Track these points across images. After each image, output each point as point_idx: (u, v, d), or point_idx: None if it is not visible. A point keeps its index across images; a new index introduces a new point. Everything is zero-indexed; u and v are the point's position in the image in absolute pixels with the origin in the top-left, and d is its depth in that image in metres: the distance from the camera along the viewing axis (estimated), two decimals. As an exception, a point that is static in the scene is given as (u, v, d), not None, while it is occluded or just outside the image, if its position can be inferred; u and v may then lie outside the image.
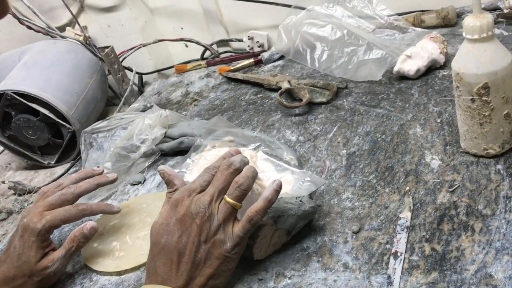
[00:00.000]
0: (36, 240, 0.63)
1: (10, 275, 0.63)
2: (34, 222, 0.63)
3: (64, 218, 0.65)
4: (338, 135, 0.79)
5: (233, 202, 0.54)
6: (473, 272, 0.51)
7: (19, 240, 0.64)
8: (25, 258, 0.63)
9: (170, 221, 0.55)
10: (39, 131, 1.02)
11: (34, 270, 0.63)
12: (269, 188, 0.55)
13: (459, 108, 0.63)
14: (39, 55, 1.10)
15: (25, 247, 0.63)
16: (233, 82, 1.08)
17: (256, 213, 0.54)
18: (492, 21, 0.57)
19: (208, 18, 1.24)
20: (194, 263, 0.53)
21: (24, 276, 0.63)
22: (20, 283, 0.63)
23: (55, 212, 0.65)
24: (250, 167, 0.57)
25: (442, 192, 0.62)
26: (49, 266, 0.63)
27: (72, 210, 0.66)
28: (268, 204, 0.55)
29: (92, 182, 0.71)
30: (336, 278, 0.55)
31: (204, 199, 0.54)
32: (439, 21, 1.00)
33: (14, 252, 0.64)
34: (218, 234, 0.54)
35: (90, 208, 0.68)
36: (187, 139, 0.86)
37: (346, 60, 0.93)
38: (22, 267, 0.63)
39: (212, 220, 0.54)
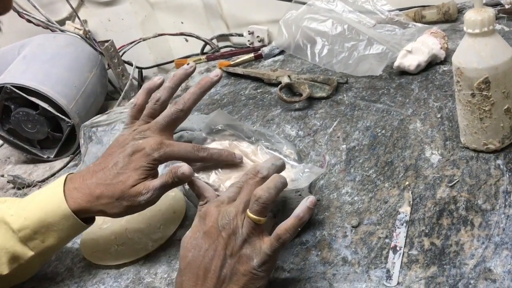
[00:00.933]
0: (146, 166, 0.58)
1: (97, 191, 0.59)
2: (152, 149, 0.59)
3: (181, 157, 0.60)
4: (338, 130, 0.79)
5: (254, 217, 0.50)
6: (472, 266, 0.51)
7: (125, 158, 0.59)
8: (124, 178, 0.58)
9: (198, 235, 0.52)
10: (38, 125, 1.01)
11: (126, 193, 0.58)
12: (301, 205, 0.51)
13: (459, 103, 0.63)
14: (38, 48, 1.09)
15: (130, 168, 0.58)
16: (233, 77, 1.08)
17: (286, 231, 0.50)
18: (494, 16, 0.56)
19: (208, 13, 1.24)
20: (220, 279, 0.50)
21: (112, 197, 0.58)
22: (106, 202, 0.59)
23: (175, 147, 0.60)
24: (275, 176, 0.52)
25: (441, 187, 0.62)
26: (143, 193, 0.58)
27: (192, 153, 0.60)
28: (299, 222, 0.51)
29: (197, 92, 0.63)
30: (335, 272, 0.55)
31: (230, 211, 0.51)
32: (439, 17, 0.99)
33: (113, 168, 0.59)
34: (244, 249, 0.50)
35: (211, 156, 0.61)
36: (187, 133, 0.85)
37: (346, 55, 0.93)
38: (114, 187, 0.58)
39: (237, 233, 0.50)
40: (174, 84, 0.64)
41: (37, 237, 0.59)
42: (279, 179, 0.52)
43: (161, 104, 0.63)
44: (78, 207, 0.59)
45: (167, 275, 0.63)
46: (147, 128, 0.61)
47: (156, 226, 0.70)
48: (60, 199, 0.59)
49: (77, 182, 0.60)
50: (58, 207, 0.59)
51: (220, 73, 0.65)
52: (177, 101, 0.63)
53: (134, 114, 0.64)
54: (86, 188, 0.59)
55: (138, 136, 0.61)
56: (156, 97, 0.63)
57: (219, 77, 0.64)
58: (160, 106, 0.63)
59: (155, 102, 0.63)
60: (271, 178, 0.52)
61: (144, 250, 0.67)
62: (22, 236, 0.59)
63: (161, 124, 0.61)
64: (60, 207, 0.59)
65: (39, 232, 0.59)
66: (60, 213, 0.59)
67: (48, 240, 0.60)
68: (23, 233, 0.59)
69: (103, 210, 0.60)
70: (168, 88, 0.64)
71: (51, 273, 0.69)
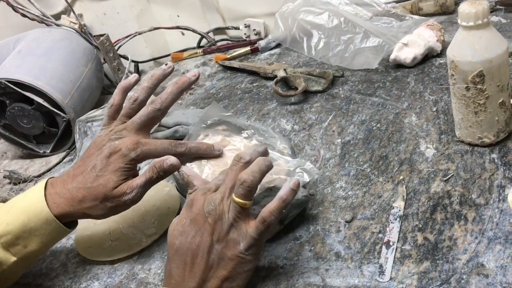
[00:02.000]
0: (124, 167, 0.58)
1: (79, 195, 0.58)
2: (129, 149, 0.59)
3: (158, 155, 0.59)
4: (333, 124, 0.78)
5: (239, 201, 0.51)
6: (465, 261, 0.51)
7: (103, 160, 0.59)
8: (103, 181, 0.58)
9: (185, 222, 0.52)
10: (34, 120, 1.01)
11: (109, 195, 0.58)
12: (285, 187, 0.52)
13: (454, 96, 0.63)
14: (33, 43, 1.09)
15: (108, 170, 0.58)
16: (229, 70, 1.08)
17: (270, 214, 0.51)
18: (488, 8, 0.56)
19: (204, 6, 1.23)
20: (208, 264, 0.51)
21: (95, 200, 0.58)
22: (89, 206, 0.59)
23: (152, 145, 0.60)
24: (259, 159, 0.53)
25: (436, 181, 0.61)
26: (127, 192, 0.58)
27: (170, 149, 0.60)
28: (283, 204, 0.52)
29: (175, 91, 0.63)
30: (328, 267, 0.55)
31: (215, 197, 0.52)
32: (436, 9, 0.98)
33: (92, 171, 0.59)
34: (231, 234, 0.51)
35: (189, 151, 0.61)
36: (182, 128, 0.85)
37: (342, 48, 0.93)
38: (95, 189, 0.58)
39: (223, 218, 0.51)
40: (152, 84, 0.64)
41: (19, 242, 0.59)
42: (263, 162, 0.52)
43: (139, 104, 0.63)
44: (61, 212, 0.59)
45: (161, 270, 0.63)
46: (123, 128, 0.61)
47: (150, 221, 0.69)
48: (42, 204, 0.59)
49: (58, 187, 0.60)
50: (41, 212, 0.58)
51: (198, 73, 0.65)
52: (154, 100, 0.62)
53: (111, 114, 0.64)
54: (67, 192, 0.59)
55: (114, 137, 0.60)
56: (134, 97, 0.63)
57: (196, 77, 0.64)
58: (138, 106, 0.63)
59: (133, 102, 0.63)
60: (255, 161, 0.53)
61: (138, 246, 0.67)
62: (4, 242, 0.58)
63: (138, 123, 0.61)
64: (42, 212, 0.58)
65: (21, 238, 0.59)
66: (43, 218, 0.58)
67: (30, 245, 0.59)
68: (5, 239, 0.58)
69: (87, 213, 0.60)
70: (146, 88, 0.64)
71: (45, 269, 0.69)
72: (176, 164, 0.58)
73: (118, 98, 0.64)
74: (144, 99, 0.63)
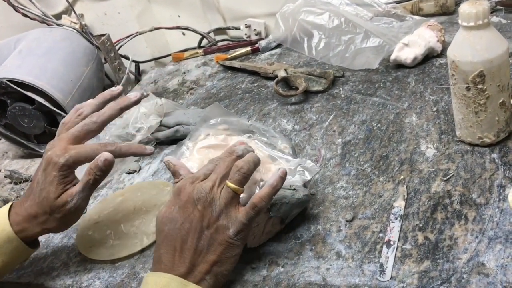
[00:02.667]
0: (57, 175, 0.59)
1: (32, 212, 0.61)
2: (58, 156, 0.59)
3: (89, 157, 0.60)
4: (333, 123, 0.78)
5: (234, 186, 0.53)
6: (465, 260, 0.51)
7: (41, 174, 0.60)
8: (45, 193, 0.60)
9: (173, 209, 0.54)
10: (35, 120, 1.01)
11: (53, 206, 0.59)
12: (274, 175, 0.55)
13: (454, 96, 0.63)
14: (34, 43, 1.09)
15: (46, 182, 0.60)
16: (229, 70, 1.08)
17: (261, 199, 0.54)
18: (488, 8, 0.56)
19: (205, 6, 1.23)
20: (197, 250, 0.52)
21: (45, 213, 0.60)
22: (43, 220, 0.61)
23: (81, 148, 0.61)
24: (252, 153, 0.56)
25: (436, 181, 0.61)
26: (68, 201, 0.59)
27: (99, 149, 0.61)
28: (273, 190, 0.54)
29: (114, 108, 0.65)
30: (329, 267, 0.55)
31: (206, 185, 0.53)
32: (437, 9, 0.99)
33: (37, 187, 0.61)
34: (221, 220, 0.53)
35: (119, 150, 0.63)
36: (183, 128, 0.85)
37: (343, 48, 0.93)
38: (42, 203, 0.60)
39: (214, 205, 0.53)
40: (98, 102, 0.66)
41: None
42: (255, 157, 0.56)
43: (82, 119, 0.64)
44: (20, 229, 0.61)
45: (162, 270, 0.63)
46: (58, 139, 0.63)
47: (151, 221, 0.70)
48: (5, 223, 0.60)
49: (17, 208, 0.62)
50: (2, 231, 0.60)
51: (139, 95, 0.67)
52: (93, 114, 0.64)
53: (60, 131, 0.65)
54: (24, 211, 0.61)
55: (48, 148, 0.62)
56: (80, 111, 0.65)
57: (138, 99, 0.67)
58: (81, 120, 0.64)
59: (77, 116, 0.64)
60: (248, 155, 0.56)
61: (139, 245, 0.67)
62: None
63: (71, 133, 0.62)
64: (4, 230, 0.60)
65: None
66: (4, 237, 0.60)
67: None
68: None
69: (44, 228, 0.61)
70: (92, 105, 0.65)
71: (46, 268, 0.69)
72: (111, 158, 0.59)
73: (70, 117, 0.65)
74: (88, 114, 0.65)
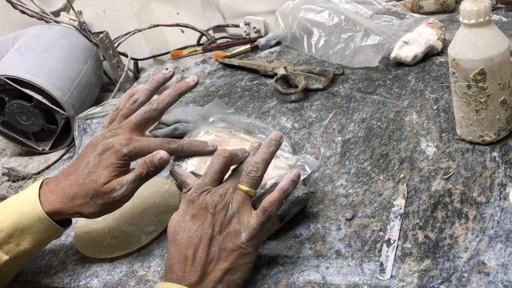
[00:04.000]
0: (115, 162, 0.58)
1: (71, 192, 0.59)
2: (121, 144, 0.59)
3: (151, 151, 0.59)
4: (333, 122, 0.78)
5: (245, 188, 0.53)
6: (466, 259, 0.51)
7: (96, 157, 0.59)
8: (95, 176, 0.58)
9: (186, 217, 0.53)
10: (33, 117, 1.01)
11: (99, 191, 0.58)
12: (285, 178, 0.54)
13: (455, 94, 0.62)
14: (32, 40, 1.08)
15: (100, 166, 0.58)
16: (229, 68, 1.07)
17: (271, 203, 0.52)
18: (490, 6, 0.56)
19: (204, 3, 1.22)
20: (209, 257, 0.51)
21: (85, 196, 0.58)
22: (80, 203, 0.59)
23: (145, 142, 0.60)
24: (263, 148, 0.55)
25: (436, 179, 0.61)
26: (117, 189, 0.58)
27: (162, 146, 0.60)
28: (283, 195, 0.53)
29: (173, 94, 0.63)
30: (329, 265, 0.55)
31: (219, 191, 0.53)
32: (437, 7, 0.98)
33: (85, 168, 0.59)
34: (233, 224, 0.52)
35: (181, 147, 0.61)
36: (182, 126, 0.85)
37: (343, 46, 0.92)
38: (87, 186, 0.58)
39: (227, 208, 0.52)
40: (151, 87, 0.65)
41: (12, 240, 0.59)
42: (266, 150, 0.55)
43: (138, 106, 0.63)
44: (53, 209, 0.59)
45: (161, 268, 0.62)
46: (118, 127, 0.62)
47: (149, 219, 0.69)
48: (35, 201, 0.59)
49: (52, 185, 0.60)
50: (33, 210, 0.58)
51: (196, 79, 0.65)
52: (151, 101, 0.63)
53: (113, 117, 0.64)
54: (60, 190, 0.59)
55: (109, 135, 0.61)
56: (134, 98, 0.64)
57: (195, 82, 0.65)
58: (137, 107, 0.63)
59: (132, 103, 0.63)
60: (259, 152, 0.55)
61: (137, 243, 0.66)
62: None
63: (133, 122, 0.62)
64: (34, 210, 0.58)
65: (13, 236, 0.59)
66: (35, 216, 0.58)
67: (23, 244, 0.59)
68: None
69: (79, 211, 0.60)
70: (145, 91, 0.64)
71: (44, 266, 0.69)
72: (166, 158, 0.58)
73: (124, 103, 0.65)
74: (143, 101, 0.64)
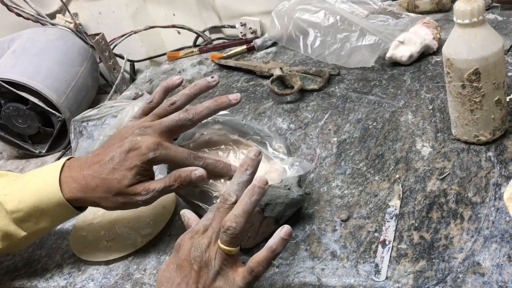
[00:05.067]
0: (140, 165, 0.57)
1: (92, 184, 0.58)
2: (148, 148, 0.57)
3: (177, 163, 0.58)
4: (329, 122, 0.78)
5: (225, 247, 0.47)
6: (461, 260, 0.50)
7: (121, 154, 0.58)
8: (119, 175, 0.57)
9: (172, 267, 0.49)
10: (29, 120, 1.01)
11: (122, 192, 0.57)
12: (275, 236, 0.47)
13: (450, 94, 0.62)
14: (28, 42, 1.08)
15: (125, 166, 0.57)
16: (225, 69, 1.07)
17: (258, 264, 0.47)
18: (483, 6, 0.56)
19: (200, 4, 1.22)
20: None
21: (107, 192, 0.58)
22: (101, 196, 0.58)
23: (172, 151, 0.58)
24: (244, 197, 0.48)
25: (432, 179, 0.61)
26: (142, 194, 0.57)
27: (188, 160, 0.58)
28: (272, 254, 0.47)
29: (212, 108, 0.61)
30: (324, 267, 0.55)
31: (202, 242, 0.48)
32: (433, 7, 0.98)
33: (110, 162, 0.58)
34: (217, 282, 0.47)
35: (206, 167, 0.59)
36: (177, 127, 0.85)
37: (339, 46, 0.92)
38: (110, 183, 0.57)
39: (209, 266, 0.47)
40: (193, 93, 0.62)
41: (31, 219, 0.60)
42: (248, 199, 0.48)
43: (175, 109, 0.61)
44: (72, 197, 0.59)
45: (156, 271, 0.62)
46: (150, 125, 0.60)
47: (145, 221, 0.69)
48: (55, 188, 0.59)
49: (74, 171, 0.60)
50: (53, 195, 0.59)
51: (239, 98, 0.62)
52: (189, 109, 0.61)
53: (146, 110, 0.63)
54: (82, 179, 0.59)
55: (138, 132, 0.59)
56: (173, 100, 0.62)
57: (237, 101, 0.62)
58: (174, 110, 0.61)
59: (170, 104, 0.62)
60: (239, 201, 0.48)
61: (133, 246, 0.66)
62: (15, 217, 0.60)
63: (165, 126, 0.60)
64: (55, 195, 0.59)
65: (33, 216, 0.60)
66: (54, 201, 0.59)
67: (41, 223, 0.61)
68: (17, 215, 0.60)
69: (97, 202, 0.60)
70: (186, 95, 0.62)
71: (40, 270, 0.68)
72: (205, 176, 0.57)
73: (158, 96, 0.63)
74: (182, 105, 0.62)
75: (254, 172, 0.51)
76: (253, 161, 0.51)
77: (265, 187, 0.48)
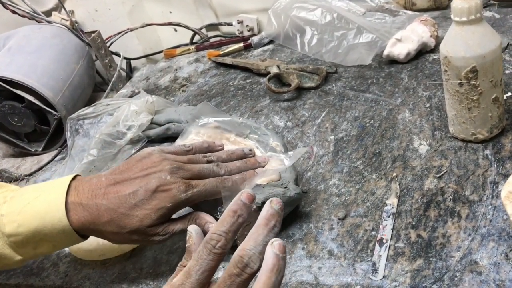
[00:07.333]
0: (169, 207, 0.53)
1: (105, 216, 0.52)
2: (180, 190, 0.53)
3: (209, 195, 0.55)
4: (326, 120, 0.78)
5: None
6: (458, 259, 0.50)
7: (147, 192, 0.52)
8: (141, 214, 0.52)
9: None
10: (25, 118, 1.00)
11: (140, 231, 0.53)
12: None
13: (447, 92, 0.62)
14: (23, 40, 1.07)
15: (150, 205, 0.52)
16: (222, 67, 1.07)
17: None
18: (481, 3, 0.55)
19: (197, 2, 1.22)
20: None
21: (122, 228, 0.52)
22: (111, 230, 0.53)
23: (202, 185, 0.55)
24: (269, 271, 0.36)
25: (429, 178, 0.61)
26: (160, 234, 0.54)
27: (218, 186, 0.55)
28: None
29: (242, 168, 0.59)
30: (321, 266, 0.55)
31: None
32: (430, 4, 0.98)
33: (131, 197, 0.52)
34: None
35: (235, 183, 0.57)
36: (174, 126, 0.84)
37: (336, 44, 0.92)
38: (128, 219, 0.52)
39: None
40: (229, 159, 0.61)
41: (29, 244, 0.54)
42: (277, 273, 0.36)
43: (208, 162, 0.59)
44: (80, 226, 0.54)
45: (153, 270, 0.62)
46: (183, 167, 0.56)
47: (142, 220, 0.69)
48: (61, 213, 0.53)
49: (84, 197, 0.54)
50: (58, 222, 0.53)
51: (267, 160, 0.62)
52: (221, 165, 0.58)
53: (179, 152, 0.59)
54: (94, 208, 0.53)
55: (169, 168, 0.54)
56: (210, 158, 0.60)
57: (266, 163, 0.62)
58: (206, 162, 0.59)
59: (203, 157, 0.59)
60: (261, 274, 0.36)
61: (130, 245, 0.66)
62: (12, 241, 0.54)
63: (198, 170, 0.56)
64: (60, 222, 0.53)
65: (32, 241, 0.54)
66: (59, 228, 0.53)
67: (40, 249, 0.55)
68: (14, 239, 0.54)
69: (104, 235, 0.55)
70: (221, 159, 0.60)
71: (36, 269, 0.68)
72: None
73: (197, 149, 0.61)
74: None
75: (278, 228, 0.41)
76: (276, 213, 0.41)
77: None
